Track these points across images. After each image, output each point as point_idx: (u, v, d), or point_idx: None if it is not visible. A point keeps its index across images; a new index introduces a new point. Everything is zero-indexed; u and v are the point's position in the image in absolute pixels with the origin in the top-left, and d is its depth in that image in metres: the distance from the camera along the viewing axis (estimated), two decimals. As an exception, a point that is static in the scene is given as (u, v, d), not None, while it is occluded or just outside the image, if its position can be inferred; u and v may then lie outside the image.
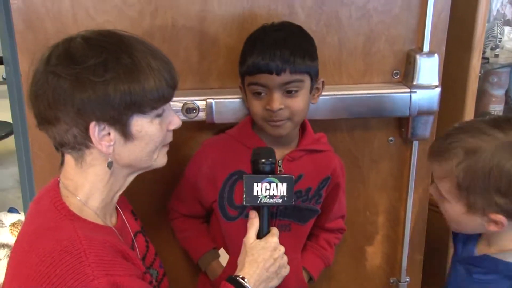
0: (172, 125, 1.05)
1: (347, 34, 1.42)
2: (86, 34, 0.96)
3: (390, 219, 1.65)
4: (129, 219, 1.16)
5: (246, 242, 1.11)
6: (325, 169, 1.35)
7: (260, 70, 1.17)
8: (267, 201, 1.12)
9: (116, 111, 0.93)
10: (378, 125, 1.53)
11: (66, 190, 1.01)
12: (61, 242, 0.91)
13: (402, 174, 1.59)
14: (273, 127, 1.22)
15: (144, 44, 0.98)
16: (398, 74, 1.48)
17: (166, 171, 1.44)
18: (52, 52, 0.95)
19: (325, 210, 1.41)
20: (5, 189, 3.58)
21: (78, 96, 0.91)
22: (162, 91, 0.96)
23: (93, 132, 0.94)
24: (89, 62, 0.91)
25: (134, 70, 0.93)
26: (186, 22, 1.35)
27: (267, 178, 1.11)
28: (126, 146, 0.98)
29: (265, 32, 1.23)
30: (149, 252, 1.19)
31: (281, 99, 1.18)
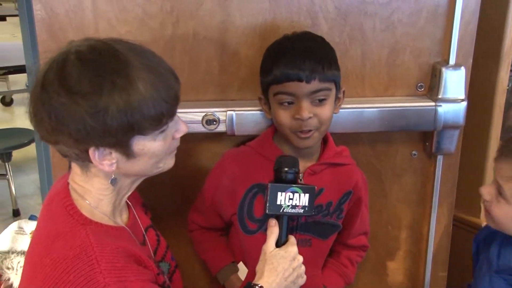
0: (178, 133, 1.04)
1: (370, 46, 1.40)
2: (81, 49, 0.92)
3: (413, 235, 1.62)
4: (140, 214, 1.18)
5: (266, 250, 1.10)
6: (347, 183, 1.34)
7: (289, 78, 1.16)
8: (289, 211, 1.12)
9: (114, 138, 0.93)
10: (401, 139, 1.51)
11: (75, 193, 1.03)
12: (74, 249, 0.92)
13: (425, 189, 1.57)
14: (301, 138, 1.21)
15: (141, 57, 0.94)
16: (423, 87, 1.45)
17: (185, 182, 1.46)
18: (47, 74, 0.92)
19: (347, 226, 1.39)
20: (26, 195, 3.63)
21: (73, 127, 0.90)
22: (161, 111, 0.94)
23: (93, 155, 0.95)
24: (84, 89, 0.89)
25: (131, 94, 0.90)
26: (207, 33, 1.35)
27: (291, 188, 1.11)
28: (129, 162, 0.99)
29: (290, 42, 1.22)
30: (160, 246, 1.20)
31: (309, 108, 1.18)
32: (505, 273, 1.14)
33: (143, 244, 1.14)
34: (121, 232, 1.05)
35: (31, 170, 3.89)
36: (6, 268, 1.77)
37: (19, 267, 1.79)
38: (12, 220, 3.17)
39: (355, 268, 1.45)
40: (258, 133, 1.38)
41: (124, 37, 1.30)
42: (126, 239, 1.04)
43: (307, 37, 1.24)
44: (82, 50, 0.92)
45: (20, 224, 2.25)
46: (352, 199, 1.35)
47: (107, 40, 0.95)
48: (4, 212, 3.44)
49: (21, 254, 1.92)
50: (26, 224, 2.31)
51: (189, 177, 1.45)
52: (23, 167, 3.97)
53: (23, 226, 2.26)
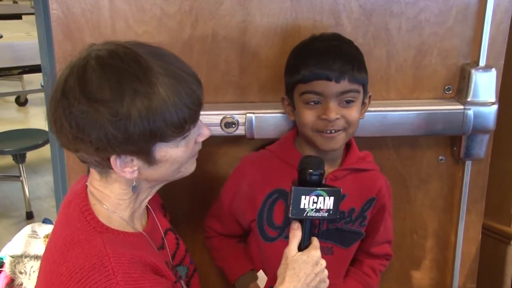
0: (201, 137, 1.05)
1: (396, 46, 1.39)
2: (101, 53, 0.92)
3: (440, 243, 1.60)
4: (159, 216, 1.18)
5: (288, 254, 1.09)
6: (370, 190, 1.32)
7: (317, 77, 1.15)
8: (313, 214, 1.09)
9: (136, 146, 0.93)
10: (428, 143, 1.50)
11: (93, 198, 1.04)
12: (90, 259, 0.93)
13: (453, 195, 1.55)
14: (326, 138, 1.20)
15: (163, 62, 0.94)
16: (451, 90, 1.44)
17: (203, 186, 1.46)
18: (67, 80, 0.92)
19: (370, 234, 1.38)
20: (40, 198, 3.67)
21: (94, 135, 0.91)
22: (183, 118, 0.94)
23: (114, 164, 0.95)
24: (105, 97, 0.89)
25: (153, 101, 0.90)
26: (227, 34, 1.35)
27: (316, 191, 1.09)
28: (150, 169, 0.99)
29: (318, 41, 1.22)
30: (179, 249, 1.21)
31: (337, 109, 1.17)
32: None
33: (161, 248, 1.14)
34: (139, 238, 1.05)
35: (45, 171, 3.92)
36: (19, 273, 1.78)
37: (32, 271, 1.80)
38: (25, 223, 3.21)
39: (378, 278, 1.44)
40: (278, 136, 1.37)
41: (141, 38, 1.33)
42: (143, 246, 1.05)
43: (336, 37, 1.23)
44: (103, 55, 0.92)
45: (34, 228, 2.27)
46: (376, 206, 1.34)
47: (127, 44, 0.95)
48: (17, 214, 3.47)
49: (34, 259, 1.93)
50: (40, 227, 2.32)
51: (207, 181, 1.45)
52: (37, 169, 4.01)
53: (37, 230, 2.27)
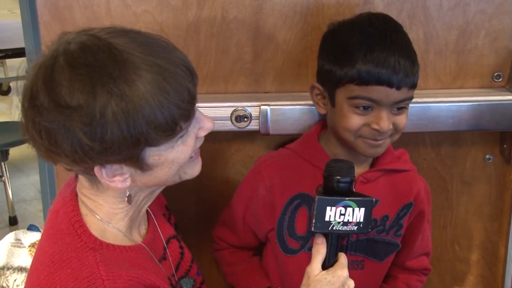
0: (202, 131, 1.03)
1: (435, 27, 1.38)
2: (71, 48, 0.90)
3: (486, 256, 1.60)
4: (161, 222, 1.18)
5: (310, 273, 1.08)
6: (407, 194, 1.32)
7: (378, 81, 1.12)
8: (340, 228, 1.08)
9: (119, 155, 0.92)
10: (472, 140, 1.49)
11: (84, 207, 1.03)
12: (81, 281, 0.93)
13: (502, 201, 1.54)
14: (370, 146, 1.20)
15: (146, 53, 0.91)
16: (501, 77, 1.43)
17: (211, 189, 1.46)
18: (34, 83, 0.90)
19: (406, 245, 1.37)
20: (26, 201, 3.69)
21: (68, 148, 0.90)
22: (172, 118, 0.92)
23: (99, 174, 0.95)
24: (76, 102, 0.87)
25: (132, 103, 0.88)
26: (238, 14, 1.35)
27: (344, 201, 1.06)
28: (145, 175, 0.99)
29: (375, 29, 1.17)
30: (184, 259, 1.21)
31: (390, 118, 1.16)
32: None
33: (163, 259, 1.15)
34: (137, 252, 1.05)
35: (31, 170, 3.95)
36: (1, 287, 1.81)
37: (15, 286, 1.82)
38: (8, 230, 3.25)
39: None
40: (297, 132, 1.37)
41: (140, 18, 1.34)
42: (142, 261, 1.04)
43: (390, 22, 1.20)
44: (72, 49, 0.90)
45: (18, 235, 2.29)
46: (413, 212, 1.34)
47: (104, 34, 0.93)
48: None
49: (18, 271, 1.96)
50: (24, 235, 2.35)
51: (216, 183, 1.45)
52: (21, 167, 4.03)
53: (21, 238, 2.30)
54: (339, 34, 1.20)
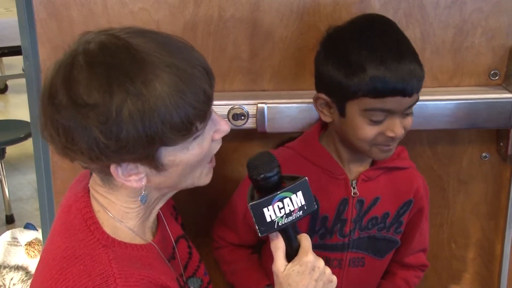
0: (218, 134, 1.04)
1: (432, 25, 1.38)
2: (90, 47, 0.92)
3: (483, 254, 1.60)
4: (170, 222, 1.19)
5: (277, 271, 1.07)
6: (407, 191, 1.33)
7: (393, 92, 1.12)
8: (285, 221, 1.04)
9: (134, 154, 0.92)
10: (469, 138, 1.50)
11: (97, 204, 1.03)
12: (93, 278, 0.93)
13: (499, 199, 1.55)
14: (384, 151, 1.21)
15: (163, 54, 0.92)
16: (497, 75, 1.43)
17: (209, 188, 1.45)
18: (53, 81, 0.92)
19: (405, 242, 1.39)
20: (22, 199, 3.68)
21: (84, 145, 0.91)
22: (188, 119, 0.92)
23: (115, 173, 0.95)
24: (93, 101, 0.88)
25: (148, 103, 0.89)
26: (235, 12, 1.35)
27: (276, 197, 1.03)
28: (160, 175, 0.98)
29: (378, 35, 1.17)
30: (192, 259, 1.21)
31: (402, 122, 1.17)
32: None
33: (172, 258, 1.15)
34: (148, 251, 1.05)
35: (28, 169, 3.93)
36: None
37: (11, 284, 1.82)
38: (5, 228, 3.24)
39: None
40: (294, 130, 1.37)
41: (137, 16, 1.34)
42: (153, 261, 1.05)
43: (390, 26, 1.20)
44: (92, 49, 0.92)
45: (14, 234, 2.29)
46: (413, 209, 1.35)
47: (123, 33, 0.94)
48: (-4, 218, 3.51)
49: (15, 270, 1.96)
50: (21, 233, 2.35)
51: (214, 182, 1.44)
52: (18, 166, 4.02)
53: (18, 236, 2.30)
54: (342, 44, 1.19)
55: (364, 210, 1.29)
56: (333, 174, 1.28)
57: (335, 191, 1.28)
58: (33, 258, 2.11)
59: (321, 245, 1.30)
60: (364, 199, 1.28)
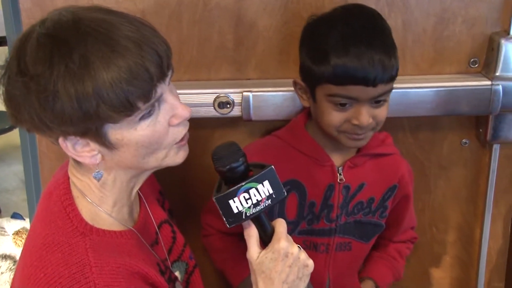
0: (176, 119, 1.00)
1: (414, 14, 1.38)
2: (46, 24, 0.91)
3: (463, 238, 1.61)
4: (154, 208, 1.18)
5: (251, 259, 1.07)
6: (392, 176, 1.34)
7: (354, 81, 1.12)
8: (253, 211, 1.02)
9: (74, 127, 0.92)
10: (450, 125, 1.50)
11: (76, 189, 1.03)
12: (70, 267, 0.93)
13: (478, 184, 1.56)
14: (353, 140, 1.20)
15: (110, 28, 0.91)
16: (477, 63, 1.43)
17: (196, 175, 1.45)
18: (11, 55, 0.94)
19: (395, 224, 1.41)
20: (8, 190, 3.65)
21: (26, 114, 0.92)
22: (126, 97, 0.90)
23: (63, 146, 0.95)
24: (35, 72, 0.89)
25: (85, 81, 0.88)
26: (220, 0, 1.34)
27: (242, 188, 1.01)
28: (113, 154, 0.98)
29: (352, 24, 1.16)
30: (176, 244, 1.21)
31: (369, 112, 1.16)
32: None
33: (155, 243, 1.14)
34: (128, 238, 1.05)
35: (14, 160, 3.90)
36: (-14, 275, 1.79)
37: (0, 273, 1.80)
38: (-9, 219, 3.21)
39: (404, 262, 1.48)
40: (279, 118, 1.37)
41: (122, 5, 1.32)
42: (132, 248, 1.04)
43: (367, 16, 1.19)
44: (47, 24, 0.92)
45: (1, 224, 2.28)
46: (398, 194, 1.36)
47: (79, 10, 0.94)
48: (-18, 209, 3.49)
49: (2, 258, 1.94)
50: (8, 223, 2.33)
51: (201, 169, 1.44)
52: (4, 157, 3.99)
53: (5, 226, 2.28)
54: (316, 31, 1.20)
55: (350, 196, 1.30)
56: (319, 162, 1.28)
57: (322, 178, 1.28)
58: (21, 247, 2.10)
59: (309, 230, 1.31)
60: (350, 185, 1.29)
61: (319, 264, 1.31)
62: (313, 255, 1.28)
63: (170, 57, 0.97)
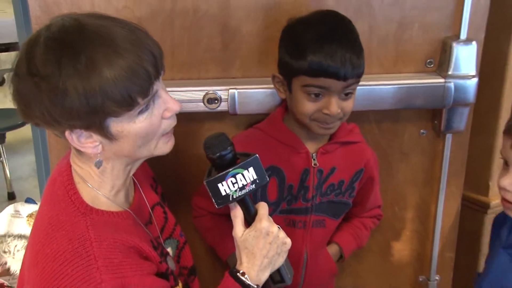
0: (168, 112, 0.99)
1: (378, 20, 1.37)
2: (52, 28, 0.90)
3: (420, 215, 1.61)
4: (148, 192, 1.17)
5: (236, 236, 1.07)
6: (358, 161, 1.34)
7: (327, 74, 1.11)
8: (239, 194, 1.03)
9: (81, 121, 0.91)
10: (409, 117, 1.49)
11: (77, 176, 1.02)
12: (73, 242, 0.94)
13: (433, 168, 1.55)
14: (323, 128, 1.20)
15: (111, 35, 0.90)
16: (432, 63, 1.42)
17: (188, 163, 1.43)
18: (19, 57, 0.92)
19: (361, 202, 1.41)
20: (22, 178, 3.62)
21: (37, 110, 0.91)
22: (128, 94, 0.90)
23: (70, 139, 0.95)
24: (45, 72, 0.88)
25: (91, 77, 0.87)
26: (208, 9, 1.32)
27: (229, 173, 1.01)
28: (113, 144, 0.97)
29: (325, 27, 1.16)
30: (168, 223, 1.20)
31: (338, 103, 1.16)
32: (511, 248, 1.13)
33: (149, 223, 1.13)
34: (124, 218, 1.04)
35: (26, 152, 3.86)
36: (3, 252, 1.76)
37: (16, 251, 1.77)
38: (7, 204, 3.16)
39: (368, 233, 1.47)
40: (261, 112, 1.35)
41: (121, 13, 1.29)
42: (128, 226, 1.04)
43: (339, 19, 1.18)
44: (52, 30, 0.91)
45: (16, 207, 2.23)
46: (364, 177, 1.35)
47: (81, 16, 0.93)
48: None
49: (18, 238, 1.90)
50: (22, 206, 2.29)
51: (192, 158, 1.43)
52: (17, 149, 3.95)
53: (20, 209, 2.24)
54: (295, 30, 1.19)
55: (323, 178, 1.29)
56: (296, 149, 1.27)
57: (299, 163, 1.27)
58: (33, 228, 2.06)
59: (288, 209, 1.30)
60: (323, 169, 1.28)
61: (298, 239, 1.30)
62: (292, 231, 1.29)
63: (162, 57, 0.96)
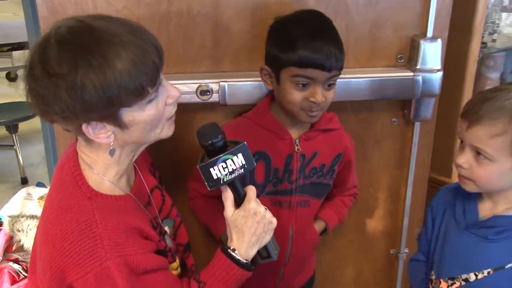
0: (170, 99, 1.00)
1: (354, 20, 1.37)
2: (60, 31, 0.90)
3: (392, 195, 1.62)
4: (147, 176, 1.17)
5: (227, 216, 1.08)
6: (338, 146, 1.34)
7: (314, 66, 1.12)
8: (229, 178, 1.04)
9: (99, 113, 0.91)
10: (382, 107, 1.50)
11: (83, 163, 1.02)
12: (80, 224, 0.94)
13: (403, 153, 1.56)
14: (309, 116, 1.20)
15: (119, 32, 0.90)
16: (403, 59, 1.43)
17: (182, 150, 1.43)
18: (32, 58, 0.91)
19: (340, 184, 1.42)
20: (33, 165, 3.60)
21: (57, 107, 0.90)
22: (140, 84, 0.91)
23: (87, 131, 0.95)
24: (62, 71, 0.87)
25: (106, 72, 0.88)
26: (200, 9, 1.31)
27: (220, 159, 1.02)
28: (124, 133, 0.97)
29: (313, 24, 1.17)
30: (165, 204, 1.20)
31: (323, 92, 1.16)
32: (474, 228, 1.13)
33: (148, 204, 1.13)
34: (126, 200, 1.04)
35: (37, 141, 3.84)
36: (17, 231, 1.76)
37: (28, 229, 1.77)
38: (20, 187, 3.15)
39: (347, 209, 1.48)
40: (249, 103, 1.35)
41: (121, 13, 1.28)
42: (130, 208, 1.04)
43: (323, 18, 1.19)
44: (61, 31, 0.90)
45: (28, 191, 2.22)
46: (343, 161, 1.36)
47: (87, 18, 0.92)
48: (13, 180, 3.43)
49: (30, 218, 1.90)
50: (34, 190, 2.28)
51: (186, 145, 1.42)
52: (29, 139, 3.92)
53: (31, 192, 2.23)
54: (283, 27, 1.19)
55: (306, 162, 1.29)
56: (280, 136, 1.27)
57: (283, 149, 1.27)
58: (44, 209, 2.05)
59: (275, 191, 1.30)
60: (305, 153, 1.28)
61: (284, 218, 1.30)
62: (279, 211, 1.30)
63: (163, 50, 0.96)
